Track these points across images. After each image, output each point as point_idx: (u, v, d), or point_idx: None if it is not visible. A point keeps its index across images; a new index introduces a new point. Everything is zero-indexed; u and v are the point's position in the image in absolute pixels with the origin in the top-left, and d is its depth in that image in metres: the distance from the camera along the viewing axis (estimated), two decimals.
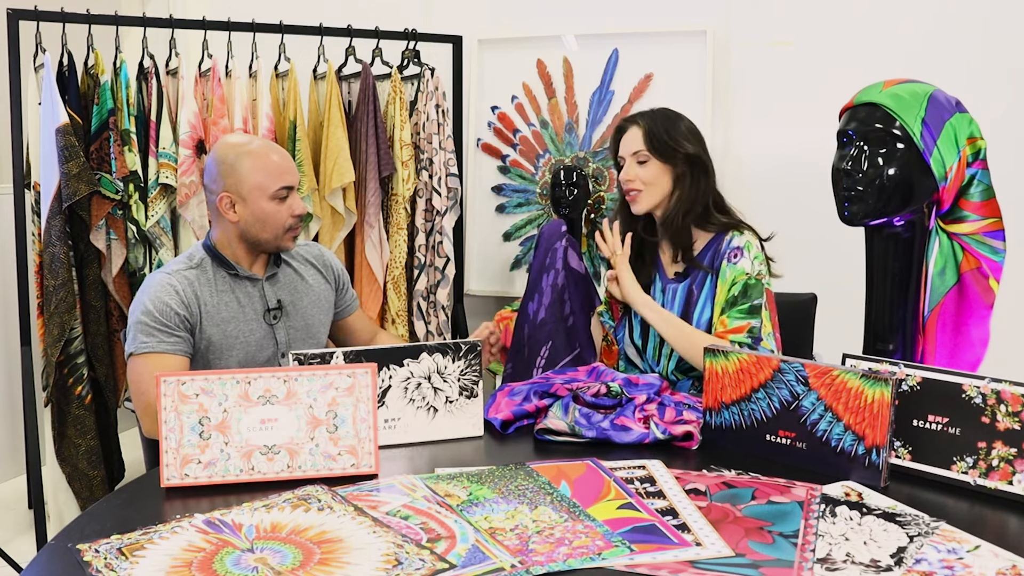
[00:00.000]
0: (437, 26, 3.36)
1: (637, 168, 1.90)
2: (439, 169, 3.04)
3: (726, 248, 1.86)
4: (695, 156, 1.89)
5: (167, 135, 2.75)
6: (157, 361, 1.75)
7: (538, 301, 1.96)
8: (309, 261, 2.02)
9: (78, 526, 1.20)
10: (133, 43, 2.91)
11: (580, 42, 3.30)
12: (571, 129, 3.31)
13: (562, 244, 1.97)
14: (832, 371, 1.38)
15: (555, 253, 1.97)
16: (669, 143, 1.89)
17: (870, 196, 1.61)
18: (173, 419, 1.32)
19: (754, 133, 3.19)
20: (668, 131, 1.90)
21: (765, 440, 1.46)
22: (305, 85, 2.99)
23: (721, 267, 1.85)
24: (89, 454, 2.76)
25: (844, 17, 3.05)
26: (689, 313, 1.88)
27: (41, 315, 2.70)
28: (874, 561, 1.09)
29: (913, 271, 1.69)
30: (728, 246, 1.86)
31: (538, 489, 1.30)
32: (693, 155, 1.89)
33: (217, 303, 1.85)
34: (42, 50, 2.70)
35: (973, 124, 1.64)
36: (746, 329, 1.78)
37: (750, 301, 1.80)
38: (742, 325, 1.78)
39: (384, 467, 1.40)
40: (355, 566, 1.07)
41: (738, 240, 1.86)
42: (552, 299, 1.94)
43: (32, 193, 2.75)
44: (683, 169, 1.89)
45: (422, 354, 1.54)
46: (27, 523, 2.90)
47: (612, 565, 1.08)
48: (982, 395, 1.31)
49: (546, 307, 1.95)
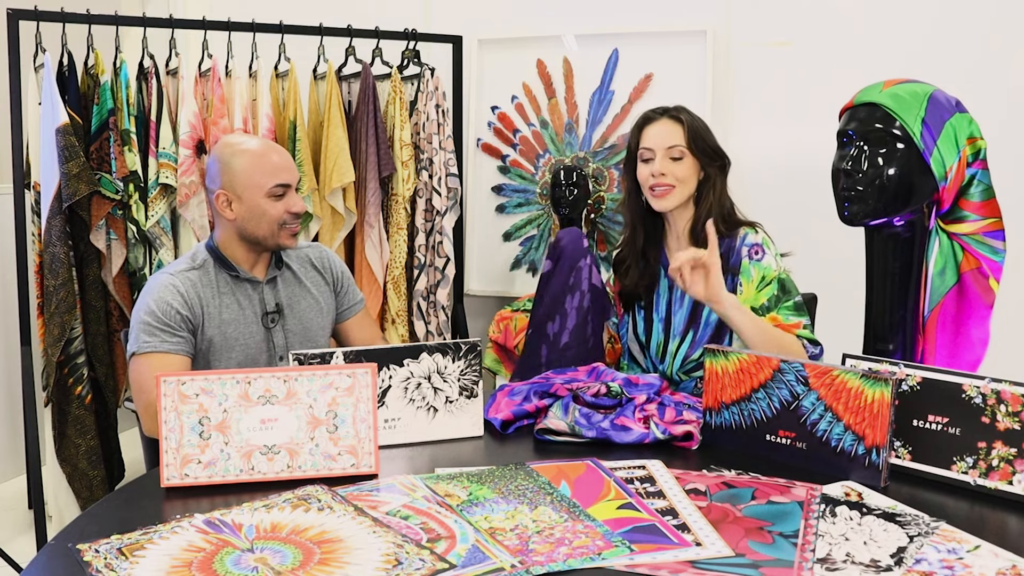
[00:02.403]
0: (437, 26, 3.36)
1: (671, 163, 1.87)
2: (439, 169, 3.04)
3: (741, 245, 1.86)
4: (726, 158, 1.91)
5: (167, 135, 2.75)
6: (159, 361, 1.75)
7: (560, 323, 1.90)
8: (310, 263, 2.01)
9: (78, 526, 1.20)
10: (133, 43, 2.91)
11: (580, 42, 3.30)
12: (571, 129, 3.31)
13: (587, 263, 1.90)
14: (832, 371, 1.38)
15: (580, 273, 1.89)
16: (709, 143, 1.90)
17: (870, 196, 1.61)
18: (173, 419, 1.32)
19: (754, 133, 3.19)
20: (705, 130, 1.91)
21: (765, 440, 1.46)
22: (305, 85, 2.99)
23: (742, 265, 1.85)
24: (89, 454, 2.76)
25: (844, 17, 3.05)
26: (699, 311, 1.89)
27: (41, 315, 2.70)
28: (874, 561, 1.09)
29: (913, 271, 1.69)
30: (743, 243, 1.86)
31: (538, 489, 1.30)
32: (725, 157, 1.91)
33: (218, 304, 1.85)
34: (42, 50, 2.70)
35: (973, 124, 1.64)
36: (802, 325, 1.80)
37: (792, 298, 1.82)
38: (797, 321, 1.80)
39: (384, 467, 1.40)
40: (355, 566, 1.07)
41: (754, 237, 1.86)
42: (577, 322, 1.89)
43: (32, 193, 2.75)
44: (713, 170, 1.89)
45: (422, 354, 1.54)
46: (27, 523, 2.90)
47: (612, 565, 1.08)
48: (982, 395, 1.31)
49: (570, 331, 1.89)
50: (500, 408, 1.63)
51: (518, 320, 2.93)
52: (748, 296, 1.83)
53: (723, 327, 1.86)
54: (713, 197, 1.89)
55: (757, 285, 1.83)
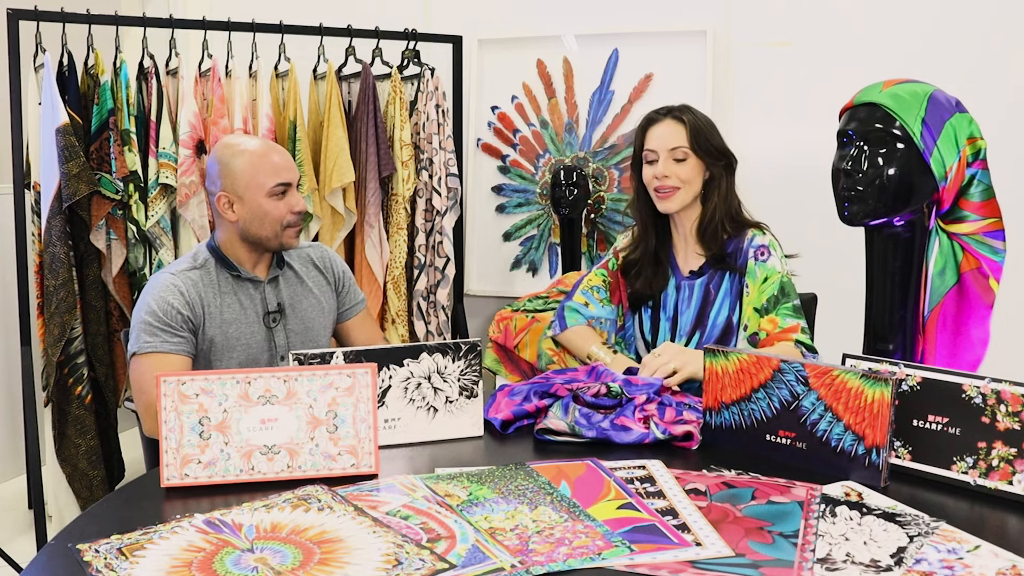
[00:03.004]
0: (437, 26, 3.36)
1: (674, 165, 1.87)
2: (439, 169, 3.04)
3: (748, 246, 1.87)
4: (732, 157, 1.91)
5: (167, 135, 2.75)
6: (159, 361, 1.75)
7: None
8: (312, 263, 2.01)
9: (78, 526, 1.20)
10: (133, 43, 2.91)
11: (580, 42, 3.30)
12: (571, 129, 3.30)
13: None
14: (832, 371, 1.38)
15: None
16: (713, 143, 1.89)
17: (870, 196, 1.61)
18: (173, 419, 1.32)
19: (754, 133, 3.18)
20: (710, 129, 1.90)
21: (765, 440, 1.46)
22: (305, 85, 2.99)
23: (748, 266, 1.86)
24: (89, 454, 2.76)
25: (844, 17, 3.04)
26: (706, 312, 1.89)
27: (41, 315, 2.70)
28: (874, 561, 1.09)
29: (913, 271, 1.69)
30: (751, 244, 1.87)
31: (538, 489, 1.30)
32: (731, 156, 1.90)
33: (220, 304, 1.85)
34: (42, 50, 2.69)
35: (973, 124, 1.64)
36: (799, 328, 1.80)
37: (791, 301, 1.83)
38: (795, 324, 1.80)
39: (384, 467, 1.40)
40: (355, 566, 1.07)
41: (761, 239, 1.87)
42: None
43: (32, 193, 2.74)
44: (719, 170, 1.89)
45: (422, 354, 1.54)
46: (27, 523, 2.90)
47: (612, 565, 1.08)
48: (982, 395, 1.31)
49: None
50: (500, 408, 1.63)
51: (518, 320, 2.93)
52: (753, 297, 1.83)
53: (730, 328, 1.87)
54: (719, 197, 1.89)
55: (760, 284, 1.83)
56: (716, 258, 1.89)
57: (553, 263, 3.36)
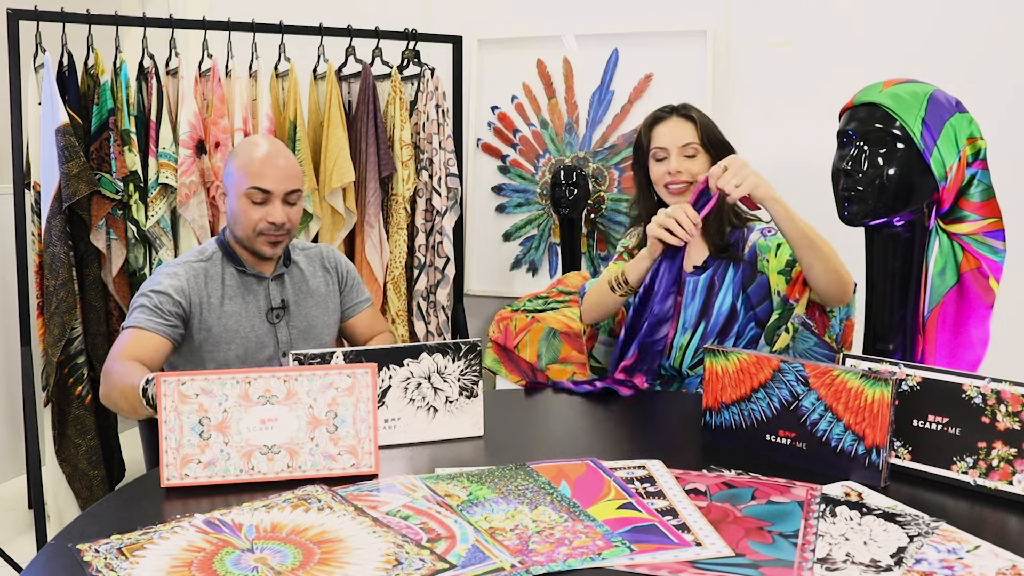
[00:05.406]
0: (437, 26, 3.36)
1: (686, 161, 1.91)
2: (439, 169, 3.04)
3: (751, 232, 1.93)
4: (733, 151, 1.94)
5: (167, 135, 2.75)
6: (140, 336, 1.77)
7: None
8: (319, 262, 2.03)
9: (78, 526, 1.20)
10: (133, 43, 2.91)
11: (580, 42, 3.30)
12: (571, 129, 3.31)
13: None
14: (832, 371, 1.38)
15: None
16: (719, 137, 1.94)
17: (870, 196, 1.61)
18: (173, 419, 1.32)
19: (754, 133, 3.19)
20: (714, 125, 1.96)
21: (765, 440, 1.46)
22: (305, 85, 2.99)
23: (759, 245, 1.91)
24: (89, 454, 2.76)
25: (844, 17, 3.04)
26: (710, 302, 1.91)
27: (41, 315, 2.70)
28: (874, 561, 1.09)
29: (913, 271, 1.69)
30: (753, 229, 1.93)
31: (538, 489, 1.30)
32: (733, 150, 1.95)
33: (221, 296, 1.87)
34: (42, 50, 2.70)
35: (973, 124, 1.63)
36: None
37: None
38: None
39: (384, 467, 1.40)
40: (355, 566, 1.07)
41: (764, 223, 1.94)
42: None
43: (32, 193, 2.75)
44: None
45: (422, 354, 1.54)
46: (27, 523, 2.90)
47: (612, 565, 1.08)
48: (982, 395, 1.31)
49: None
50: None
51: (518, 320, 2.92)
52: (773, 264, 1.88)
53: (734, 314, 1.89)
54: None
55: (776, 251, 1.88)
56: (720, 248, 1.92)
57: (553, 263, 3.36)
